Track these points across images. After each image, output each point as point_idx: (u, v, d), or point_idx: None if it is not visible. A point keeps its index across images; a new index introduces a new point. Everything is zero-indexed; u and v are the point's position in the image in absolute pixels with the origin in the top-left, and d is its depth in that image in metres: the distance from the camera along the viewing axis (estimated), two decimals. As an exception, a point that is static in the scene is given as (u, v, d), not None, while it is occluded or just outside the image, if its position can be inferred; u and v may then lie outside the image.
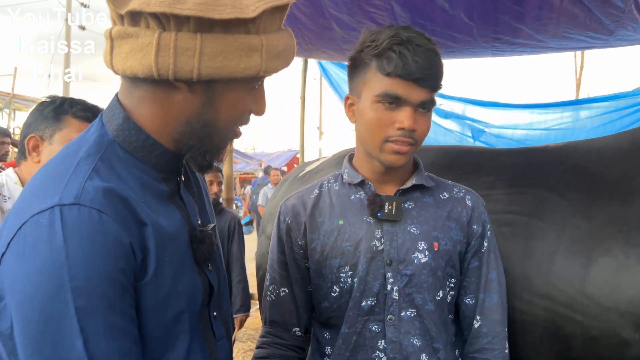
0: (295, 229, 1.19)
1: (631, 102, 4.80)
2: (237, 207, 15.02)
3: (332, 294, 1.14)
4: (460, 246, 1.16)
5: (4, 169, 4.12)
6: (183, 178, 0.91)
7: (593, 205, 1.33)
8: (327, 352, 1.17)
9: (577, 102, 4.96)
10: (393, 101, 1.06)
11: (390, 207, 1.11)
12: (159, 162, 0.84)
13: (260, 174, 17.76)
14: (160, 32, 0.74)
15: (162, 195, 0.84)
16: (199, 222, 0.91)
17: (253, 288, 2.88)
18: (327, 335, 1.18)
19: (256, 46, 0.78)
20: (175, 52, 0.74)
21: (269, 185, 10.72)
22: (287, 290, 1.20)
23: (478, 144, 4.85)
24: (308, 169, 2.11)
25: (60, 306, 0.66)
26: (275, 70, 0.83)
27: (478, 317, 1.16)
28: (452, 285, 1.16)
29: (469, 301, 1.17)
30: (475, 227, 1.17)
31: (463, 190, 1.22)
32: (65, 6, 17.40)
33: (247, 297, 3.40)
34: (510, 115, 5.12)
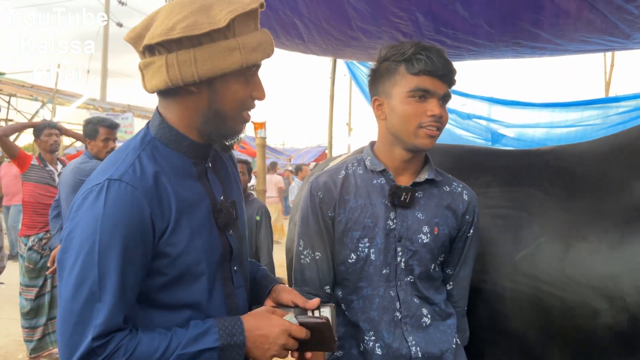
0: (326, 203, 1.42)
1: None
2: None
3: (349, 260, 1.40)
4: (453, 231, 1.43)
5: (65, 162, 4.52)
6: (210, 164, 1.22)
7: (572, 200, 1.58)
8: (342, 307, 1.44)
9: (597, 102, 5.03)
10: (423, 94, 1.33)
11: (405, 197, 1.37)
12: (188, 151, 1.16)
13: (290, 169, 18.10)
14: (167, 55, 1.05)
15: (191, 175, 1.16)
16: (222, 197, 1.21)
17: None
18: (339, 294, 1.45)
19: (234, 46, 1.05)
20: (179, 65, 1.04)
21: (298, 180, 11.23)
22: (320, 254, 1.43)
23: (498, 146, 4.98)
24: (331, 164, 2.39)
25: (91, 244, 1.00)
26: (256, 61, 1.09)
27: (451, 283, 1.48)
28: (441, 259, 1.44)
29: (448, 272, 1.48)
30: (467, 217, 1.44)
31: (460, 186, 1.48)
32: (104, 4, 18.02)
33: None
34: (532, 115, 5.21)
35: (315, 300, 1.21)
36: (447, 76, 1.34)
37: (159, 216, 1.06)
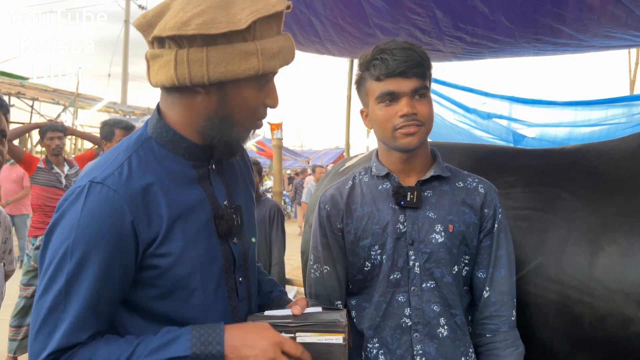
0: (334, 215, 1.40)
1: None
2: (285, 202, 15.36)
3: (365, 269, 1.36)
4: (474, 228, 1.35)
5: (74, 163, 4.50)
6: (214, 166, 1.12)
7: (601, 201, 1.48)
8: (352, 315, 1.40)
9: (621, 100, 4.87)
10: (390, 98, 1.30)
11: (412, 196, 1.32)
12: (187, 153, 1.07)
13: (309, 171, 18.10)
14: (177, 50, 0.96)
15: (191, 179, 1.07)
16: (225, 202, 1.12)
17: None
18: (353, 302, 1.41)
19: (252, 51, 0.96)
20: (189, 64, 0.95)
21: (313, 182, 11.18)
22: (328, 268, 1.41)
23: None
24: (347, 164, 2.33)
25: (64, 251, 0.93)
26: (274, 69, 1.00)
27: (487, 288, 1.36)
28: (466, 261, 1.35)
29: (480, 275, 1.37)
30: (486, 210, 1.36)
31: (476, 180, 1.41)
32: (124, 8, 18.27)
33: (283, 279, 3.63)
34: (554, 114, 5.09)
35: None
36: (411, 71, 1.28)
37: (144, 224, 0.97)
